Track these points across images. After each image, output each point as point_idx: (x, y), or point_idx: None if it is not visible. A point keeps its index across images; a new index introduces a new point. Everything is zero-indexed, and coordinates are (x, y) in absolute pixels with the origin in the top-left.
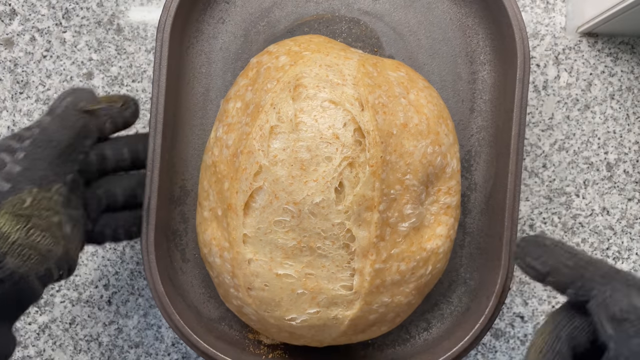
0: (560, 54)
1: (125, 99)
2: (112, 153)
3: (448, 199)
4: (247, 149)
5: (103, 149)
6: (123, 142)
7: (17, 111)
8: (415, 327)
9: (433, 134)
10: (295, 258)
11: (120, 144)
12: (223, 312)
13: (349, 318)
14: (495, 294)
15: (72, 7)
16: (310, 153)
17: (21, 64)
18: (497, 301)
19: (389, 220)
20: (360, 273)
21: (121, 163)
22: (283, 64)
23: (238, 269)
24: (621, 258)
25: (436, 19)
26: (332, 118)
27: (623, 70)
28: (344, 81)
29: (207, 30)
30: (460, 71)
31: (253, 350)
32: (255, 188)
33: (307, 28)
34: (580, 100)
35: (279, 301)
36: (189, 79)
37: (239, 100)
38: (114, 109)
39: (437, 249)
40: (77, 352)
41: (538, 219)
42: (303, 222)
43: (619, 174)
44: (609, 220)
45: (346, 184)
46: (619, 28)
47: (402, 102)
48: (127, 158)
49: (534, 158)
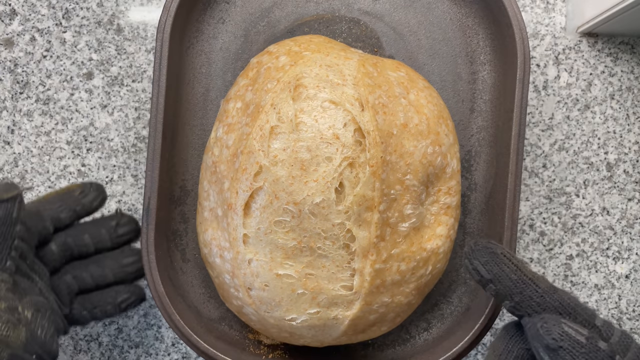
0: (560, 54)
1: (84, 187)
2: (72, 240)
3: (448, 199)
4: (247, 149)
5: (65, 237)
6: (83, 228)
7: (17, 111)
8: (415, 327)
9: (433, 134)
10: (295, 258)
11: (80, 230)
12: (223, 312)
13: (349, 318)
14: None
15: (72, 7)
16: (310, 153)
17: (21, 64)
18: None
19: (389, 220)
20: (361, 273)
21: (83, 249)
22: (283, 64)
23: (238, 269)
24: (621, 258)
25: (436, 19)
26: (332, 118)
27: (623, 70)
28: (344, 81)
29: (207, 30)
30: (460, 71)
31: (253, 351)
32: (255, 188)
33: (307, 28)
34: (580, 100)
35: (279, 301)
36: (189, 79)
37: (239, 101)
38: (70, 199)
39: (437, 249)
40: (77, 352)
41: (538, 219)
42: (303, 222)
43: (619, 174)
44: (609, 220)
45: (346, 184)
46: (619, 28)
47: (402, 102)
48: (90, 244)
49: (534, 158)
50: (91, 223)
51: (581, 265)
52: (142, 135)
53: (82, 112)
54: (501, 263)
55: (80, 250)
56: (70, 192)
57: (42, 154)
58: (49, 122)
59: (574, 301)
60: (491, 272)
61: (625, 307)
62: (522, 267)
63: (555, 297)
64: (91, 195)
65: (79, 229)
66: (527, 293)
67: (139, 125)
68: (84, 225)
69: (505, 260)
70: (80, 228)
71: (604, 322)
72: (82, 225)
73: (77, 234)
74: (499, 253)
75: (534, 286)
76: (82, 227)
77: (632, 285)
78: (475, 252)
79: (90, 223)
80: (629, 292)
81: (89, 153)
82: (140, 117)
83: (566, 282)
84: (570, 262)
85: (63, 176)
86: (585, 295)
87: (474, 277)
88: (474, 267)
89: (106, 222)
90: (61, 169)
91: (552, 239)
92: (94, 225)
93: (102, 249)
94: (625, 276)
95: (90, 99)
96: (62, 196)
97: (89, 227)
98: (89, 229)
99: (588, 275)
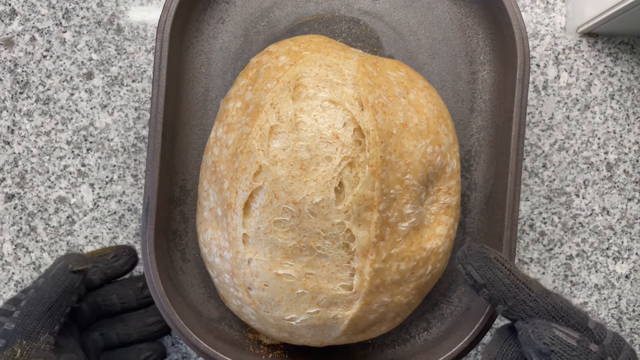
0: (560, 54)
1: (117, 250)
2: (101, 300)
3: (448, 198)
4: (247, 149)
5: (95, 297)
6: (112, 289)
7: (17, 111)
8: (415, 327)
9: (433, 133)
10: (295, 258)
11: (109, 291)
12: (223, 312)
13: (348, 318)
14: None
15: (72, 7)
16: (310, 153)
17: (21, 64)
18: None
19: (389, 220)
20: (360, 273)
21: (111, 308)
22: (283, 64)
23: (238, 268)
24: (621, 258)
25: (436, 18)
26: (332, 118)
27: (623, 70)
28: (344, 81)
29: (207, 30)
30: (460, 71)
31: (253, 350)
32: (255, 188)
33: (307, 28)
34: (580, 100)
35: (279, 301)
36: (189, 79)
37: (239, 100)
38: (103, 262)
39: (437, 249)
40: None
41: (538, 219)
42: (303, 221)
43: (619, 174)
44: (609, 220)
45: (346, 183)
46: (619, 28)
47: (402, 102)
48: (117, 303)
49: (534, 158)
50: (119, 284)
51: (581, 265)
52: (142, 135)
53: (82, 112)
54: (494, 267)
55: (108, 309)
56: (104, 255)
57: (42, 154)
58: (49, 122)
59: (567, 304)
60: (484, 276)
61: (625, 307)
62: (515, 272)
63: (548, 300)
64: (123, 260)
65: (109, 289)
66: (520, 297)
67: (139, 125)
68: (113, 285)
69: (498, 265)
70: (110, 289)
71: (597, 324)
72: (111, 285)
73: (107, 295)
74: (492, 258)
75: (527, 290)
76: (112, 288)
77: (632, 285)
78: (469, 256)
79: (118, 284)
80: (629, 292)
81: (89, 153)
82: (140, 117)
83: (566, 282)
84: (570, 262)
85: (63, 176)
86: (585, 295)
87: (468, 281)
88: (467, 272)
89: (133, 283)
90: (61, 169)
91: (552, 239)
92: (122, 286)
93: (128, 308)
94: (625, 276)
95: (90, 99)
96: (96, 259)
97: (118, 288)
98: (117, 290)
99: (588, 275)
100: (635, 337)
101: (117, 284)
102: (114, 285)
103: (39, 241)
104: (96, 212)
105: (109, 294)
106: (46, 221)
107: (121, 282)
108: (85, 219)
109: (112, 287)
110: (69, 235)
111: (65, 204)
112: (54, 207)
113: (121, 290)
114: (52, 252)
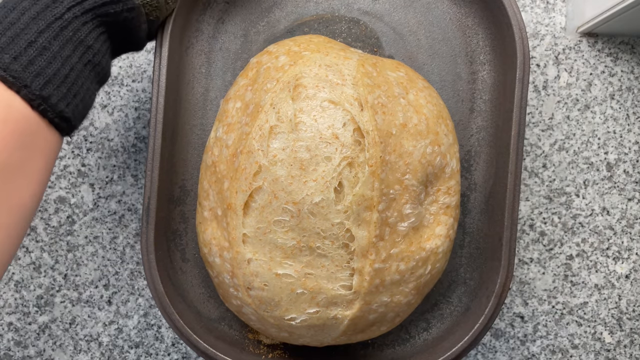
0: (560, 54)
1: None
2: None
3: (447, 198)
4: (246, 149)
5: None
6: None
7: None
8: (415, 327)
9: (432, 134)
10: (294, 258)
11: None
12: (223, 312)
13: (348, 318)
14: (495, 294)
15: None
16: (309, 153)
17: None
18: (497, 301)
19: (388, 220)
20: (360, 273)
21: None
22: (283, 64)
23: (238, 268)
24: (621, 258)
25: (436, 19)
26: (332, 118)
27: (623, 70)
28: (344, 81)
29: (207, 30)
30: (460, 71)
31: (253, 350)
32: (254, 188)
33: (307, 28)
34: (580, 100)
35: (279, 301)
36: (189, 79)
37: (238, 100)
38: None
39: (436, 249)
40: (77, 352)
41: (538, 219)
42: (302, 221)
43: (619, 174)
44: (609, 220)
45: (345, 183)
46: (619, 28)
47: (402, 102)
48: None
49: (534, 158)
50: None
51: (581, 265)
52: (142, 135)
53: None
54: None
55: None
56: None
57: None
58: None
59: None
60: None
61: (625, 307)
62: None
63: None
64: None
65: None
66: None
67: (139, 125)
68: None
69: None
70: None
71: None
72: None
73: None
74: None
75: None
76: None
77: (632, 285)
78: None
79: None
80: (629, 292)
81: (89, 153)
82: (140, 117)
83: (566, 282)
84: (570, 262)
85: (63, 176)
86: (585, 295)
87: None
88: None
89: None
90: (61, 169)
91: (552, 239)
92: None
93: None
94: (625, 276)
95: None
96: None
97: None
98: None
99: (588, 275)
100: (635, 337)
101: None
102: None
103: (39, 241)
104: (96, 212)
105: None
106: (46, 221)
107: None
108: (85, 219)
109: None
110: (69, 235)
111: (65, 203)
112: (54, 207)
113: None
114: (52, 252)
